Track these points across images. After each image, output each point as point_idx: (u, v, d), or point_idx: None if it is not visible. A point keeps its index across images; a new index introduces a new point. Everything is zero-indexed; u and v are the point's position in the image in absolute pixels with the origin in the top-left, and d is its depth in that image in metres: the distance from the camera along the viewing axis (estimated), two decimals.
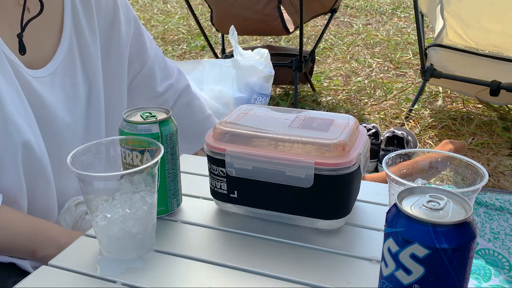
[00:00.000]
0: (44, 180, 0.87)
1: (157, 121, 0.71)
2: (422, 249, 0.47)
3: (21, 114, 0.82)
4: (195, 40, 3.85)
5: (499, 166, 2.01)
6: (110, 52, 1.00)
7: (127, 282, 0.63)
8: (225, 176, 0.73)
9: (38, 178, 0.86)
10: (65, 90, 0.92)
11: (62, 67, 0.91)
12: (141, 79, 1.08)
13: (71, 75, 0.93)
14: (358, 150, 0.71)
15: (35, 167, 0.85)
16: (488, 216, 1.59)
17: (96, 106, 0.97)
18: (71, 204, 0.94)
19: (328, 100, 2.72)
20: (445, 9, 2.26)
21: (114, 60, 1.01)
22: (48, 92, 0.88)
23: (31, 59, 0.87)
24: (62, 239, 0.81)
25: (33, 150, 0.83)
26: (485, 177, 0.63)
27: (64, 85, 0.92)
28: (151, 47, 1.10)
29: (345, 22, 4.24)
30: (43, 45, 0.90)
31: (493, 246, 1.49)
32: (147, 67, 1.08)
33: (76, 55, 0.94)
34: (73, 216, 0.94)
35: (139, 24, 1.08)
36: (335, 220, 0.72)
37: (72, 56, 0.93)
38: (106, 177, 0.66)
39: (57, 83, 0.90)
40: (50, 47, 0.91)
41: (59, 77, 0.91)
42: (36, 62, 0.88)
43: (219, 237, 0.73)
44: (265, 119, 0.77)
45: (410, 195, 0.52)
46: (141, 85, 1.09)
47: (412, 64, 3.20)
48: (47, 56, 0.90)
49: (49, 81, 0.89)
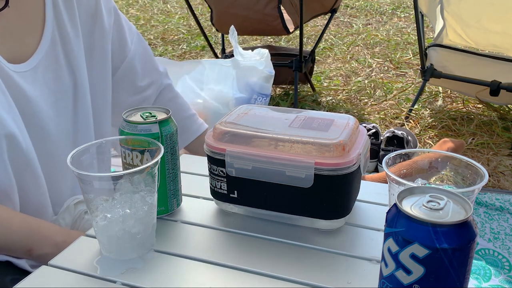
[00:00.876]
0: (33, 174, 0.87)
1: (157, 121, 0.71)
2: (422, 249, 0.47)
3: (4, 108, 0.82)
4: (195, 40, 3.85)
5: (499, 166, 2.01)
6: (94, 46, 1.00)
7: (127, 282, 0.63)
8: (225, 176, 0.73)
9: (26, 172, 0.86)
10: (48, 84, 0.92)
11: (45, 61, 0.91)
12: (122, 73, 1.07)
13: (54, 69, 0.93)
14: (358, 150, 0.71)
15: (22, 160, 0.85)
16: (488, 216, 1.59)
17: (83, 100, 0.97)
18: (70, 203, 0.94)
19: (328, 100, 2.72)
20: (445, 9, 2.26)
21: (98, 54, 1.01)
22: (30, 86, 0.88)
23: (13, 54, 0.87)
24: (58, 238, 0.81)
25: (19, 142, 0.83)
26: (485, 177, 0.63)
27: (47, 79, 0.92)
28: (132, 40, 1.09)
29: (345, 22, 4.24)
30: (24, 39, 0.90)
31: (493, 246, 1.49)
32: (128, 61, 1.07)
33: (59, 48, 0.94)
34: (72, 215, 0.94)
35: (119, 16, 1.07)
36: (335, 220, 0.72)
37: (55, 50, 0.93)
38: (106, 177, 0.66)
39: (40, 77, 0.90)
40: (32, 41, 0.91)
41: (42, 71, 0.91)
42: (18, 57, 0.88)
43: (219, 237, 0.73)
44: (265, 119, 0.77)
45: (410, 195, 0.52)
46: (122, 79, 1.08)
47: (412, 64, 3.20)
48: (29, 50, 0.90)
49: (32, 75, 0.89)
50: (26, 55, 0.89)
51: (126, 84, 1.08)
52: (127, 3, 5.06)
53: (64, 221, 0.93)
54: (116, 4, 1.13)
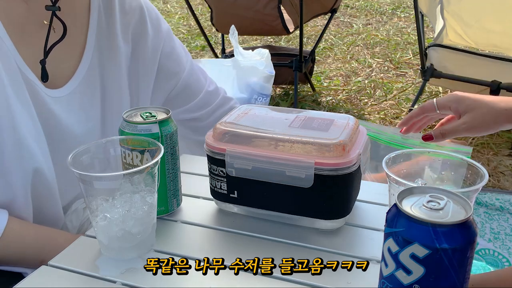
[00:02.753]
0: (52, 201, 0.86)
1: (157, 121, 0.71)
2: (422, 249, 0.47)
3: (35, 140, 0.80)
4: (195, 40, 3.85)
5: (499, 166, 2.01)
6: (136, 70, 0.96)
7: (127, 282, 0.63)
8: (225, 176, 0.73)
9: (46, 201, 0.85)
10: (84, 109, 0.89)
11: (82, 86, 0.88)
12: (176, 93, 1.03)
13: (90, 94, 0.90)
14: (358, 150, 0.71)
15: (44, 192, 0.83)
16: (488, 216, 1.59)
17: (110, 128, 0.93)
18: (78, 206, 0.93)
19: (328, 100, 2.72)
20: (445, 9, 2.26)
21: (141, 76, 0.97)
22: (65, 112, 0.86)
23: (51, 79, 0.84)
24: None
25: (44, 176, 0.81)
26: (485, 177, 0.63)
27: (82, 104, 0.89)
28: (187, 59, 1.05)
29: (345, 22, 4.24)
30: (64, 64, 0.87)
31: (493, 246, 1.49)
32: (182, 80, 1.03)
33: (97, 73, 0.91)
34: (80, 218, 0.93)
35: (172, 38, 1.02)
36: (335, 220, 0.72)
37: (93, 75, 0.90)
38: (106, 177, 0.66)
39: (75, 103, 0.88)
40: (70, 66, 0.88)
41: (78, 97, 0.88)
42: (55, 81, 0.85)
43: (219, 237, 0.73)
44: (265, 119, 0.77)
45: (410, 195, 0.52)
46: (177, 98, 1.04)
47: (412, 64, 3.20)
48: (67, 75, 0.87)
49: (67, 101, 0.86)
50: (64, 79, 0.87)
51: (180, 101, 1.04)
52: None
53: (71, 224, 0.92)
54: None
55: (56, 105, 0.84)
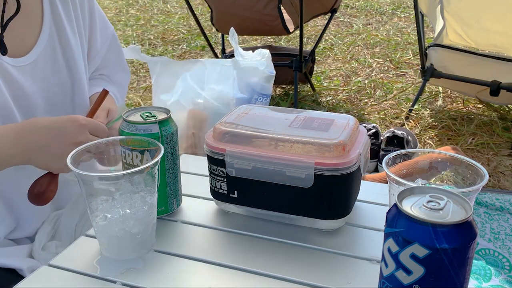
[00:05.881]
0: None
1: (157, 121, 0.71)
2: (422, 249, 0.47)
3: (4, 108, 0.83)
4: (195, 40, 3.85)
5: (499, 166, 2.01)
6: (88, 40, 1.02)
7: (127, 282, 0.63)
8: (225, 176, 0.73)
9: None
10: (47, 78, 0.93)
11: (44, 55, 0.92)
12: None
13: (53, 63, 0.94)
14: (358, 150, 0.71)
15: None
16: (488, 216, 1.58)
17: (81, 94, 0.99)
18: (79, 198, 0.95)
19: (328, 100, 2.72)
20: (445, 9, 2.26)
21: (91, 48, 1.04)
22: (29, 81, 0.89)
23: (12, 48, 0.87)
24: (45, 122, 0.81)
25: None
26: (485, 177, 0.63)
27: (46, 73, 0.93)
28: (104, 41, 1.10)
29: (345, 22, 4.24)
30: (23, 33, 0.91)
31: (493, 246, 1.49)
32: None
33: (56, 43, 0.95)
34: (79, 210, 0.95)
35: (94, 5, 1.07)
36: (335, 220, 0.72)
37: (53, 44, 0.94)
38: (106, 177, 0.66)
39: (38, 72, 0.91)
40: (31, 35, 0.92)
41: (41, 65, 0.92)
42: (17, 51, 0.89)
43: (219, 237, 0.73)
44: (265, 119, 0.77)
45: (410, 195, 0.52)
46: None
47: (412, 64, 3.20)
48: (28, 44, 0.91)
49: (31, 69, 0.90)
50: (25, 49, 0.90)
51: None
52: (127, 3, 5.05)
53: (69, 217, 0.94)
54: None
55: (19, 74, 0.88)
